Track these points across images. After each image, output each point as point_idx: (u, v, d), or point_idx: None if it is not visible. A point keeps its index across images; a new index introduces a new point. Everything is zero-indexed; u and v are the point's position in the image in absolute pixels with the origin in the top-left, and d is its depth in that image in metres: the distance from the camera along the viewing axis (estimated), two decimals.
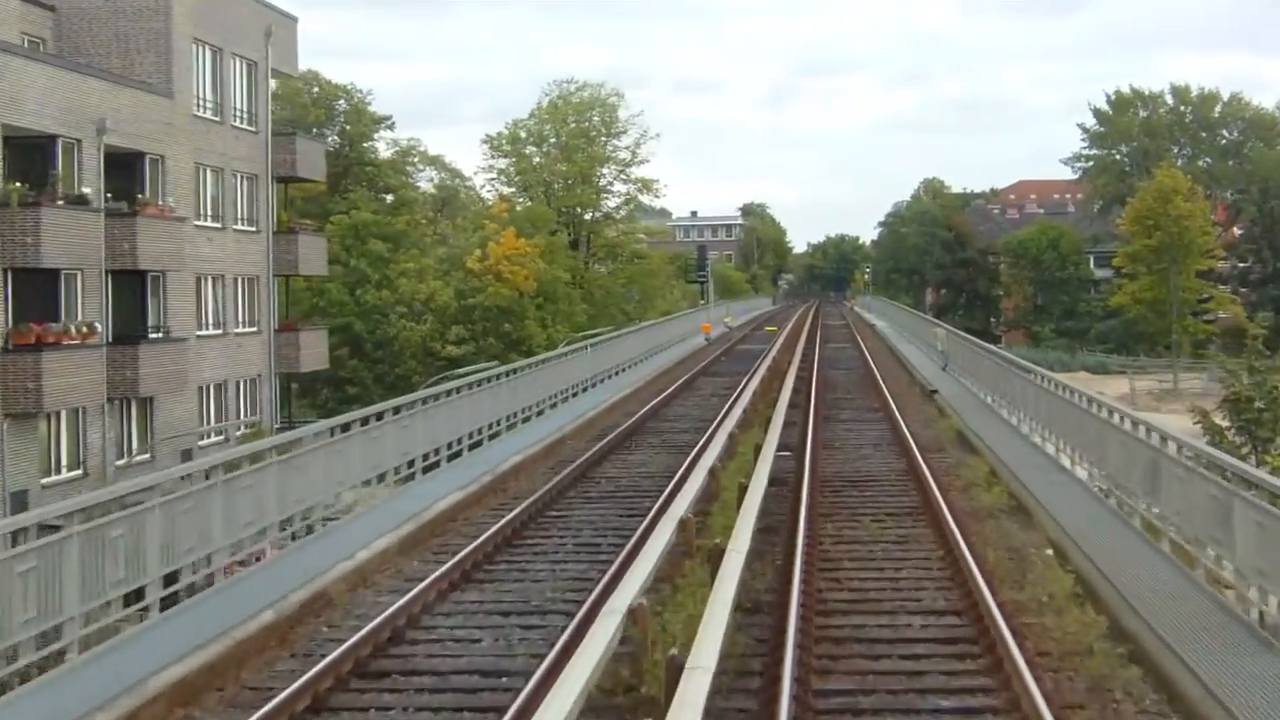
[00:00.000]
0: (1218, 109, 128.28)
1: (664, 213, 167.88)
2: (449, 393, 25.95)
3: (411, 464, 22.20)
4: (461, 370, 44.64)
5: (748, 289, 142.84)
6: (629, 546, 16.33)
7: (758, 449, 22.18)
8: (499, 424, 27.91)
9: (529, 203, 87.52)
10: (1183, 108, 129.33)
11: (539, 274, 68.73)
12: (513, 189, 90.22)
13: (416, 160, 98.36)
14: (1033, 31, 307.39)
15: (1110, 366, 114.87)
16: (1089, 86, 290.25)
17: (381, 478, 21.08)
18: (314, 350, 49.78)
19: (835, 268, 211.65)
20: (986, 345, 38.68)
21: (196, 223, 42.49)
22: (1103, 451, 19.55)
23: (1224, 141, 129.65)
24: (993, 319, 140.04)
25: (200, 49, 43.37)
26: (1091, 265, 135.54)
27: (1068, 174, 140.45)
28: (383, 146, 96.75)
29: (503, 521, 18.53)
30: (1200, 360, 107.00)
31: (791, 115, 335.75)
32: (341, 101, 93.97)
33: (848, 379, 43.99)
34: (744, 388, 36.77)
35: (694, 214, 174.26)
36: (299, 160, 48.66)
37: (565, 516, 20.07)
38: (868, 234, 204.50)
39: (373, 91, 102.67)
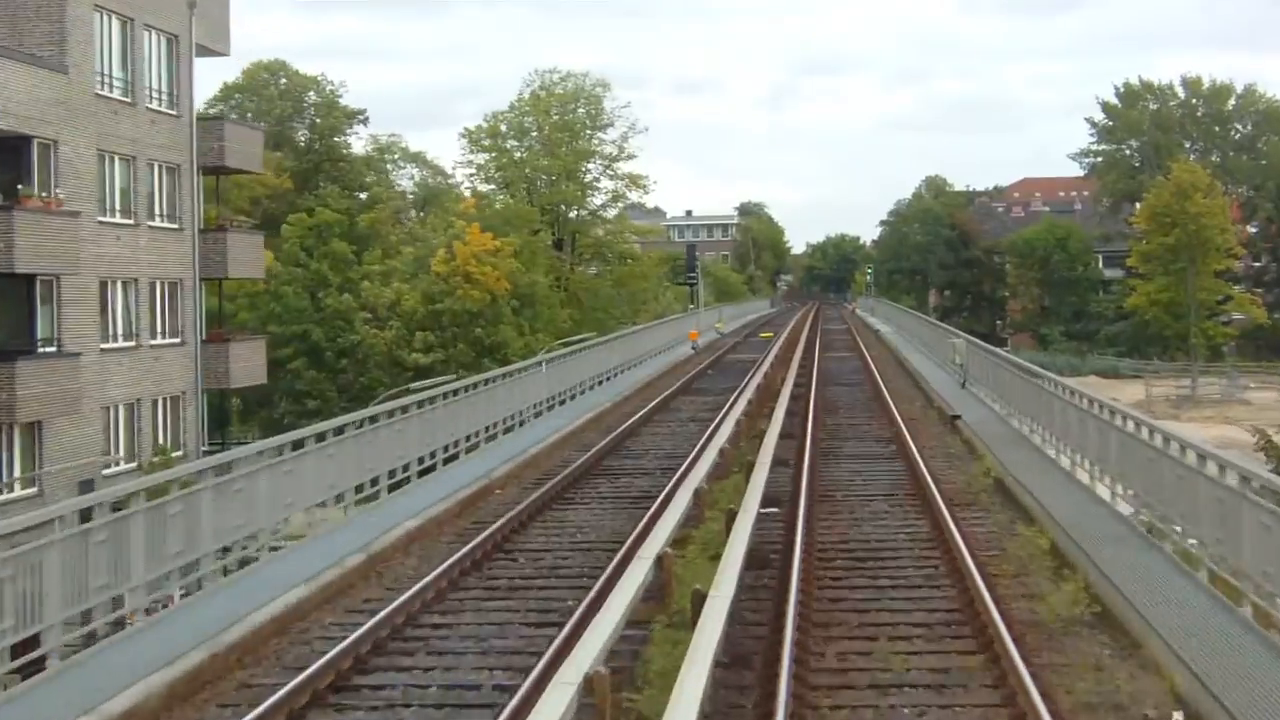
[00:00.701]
0: (1231, 102, 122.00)
1: (658, 212, 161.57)
2: (363, 422, 19.88)
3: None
4: (418, 385, 38.59)
5: (744, 291, 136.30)
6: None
7: (730, 518, 15.97)
8: (411, 466, 21.75)
9: (510, 200, 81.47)
10: (1194, 101, 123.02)
11: (513, 275, 62.60)
12: (493, 186, 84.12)
13: (397, 157, 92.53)
14: (1031, 30, 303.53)
15: (1122, 370, 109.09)
16: (1089, 86, 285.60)
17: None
18: (248, 363, 43.58)
19: (835, 269, 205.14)
20: (1015, 360, 32.48)
21: (101, 218, 36.39)
22: (1231, 528, 13.33)
23: (1237, 136, 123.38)
24: (999, 321, 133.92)
25: (105, 18, 37.23)
26: (1099, 265, 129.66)
27: (1073, 171, 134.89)
28: (360, 143, 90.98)
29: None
30: (1218, 364, 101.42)
31: (791, 115, 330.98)
32: (312, 94, 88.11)
33: (851, 398, 37.74)
34: (729, 409, 30.68)
35: (689, 213, 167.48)
36: (228, 149, 42.48)
37: (440, 632, 13.70)
38: (868, 235, 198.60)
39: (345, 84, 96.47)
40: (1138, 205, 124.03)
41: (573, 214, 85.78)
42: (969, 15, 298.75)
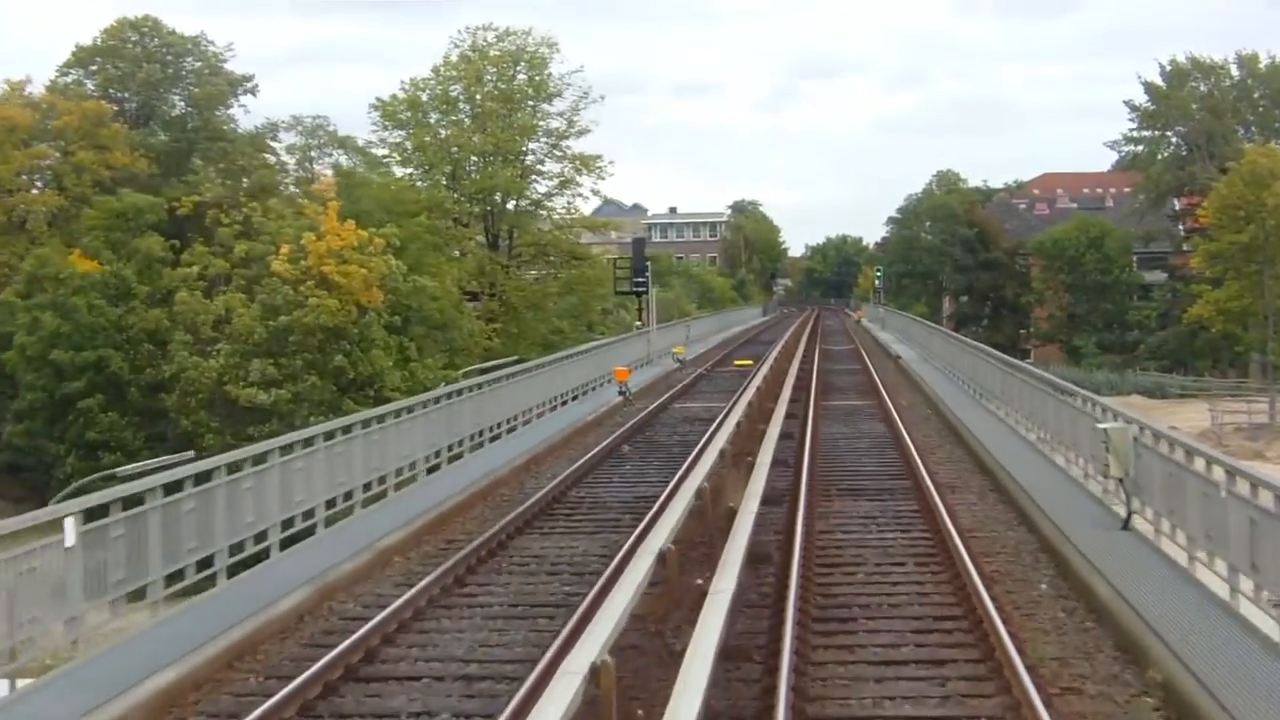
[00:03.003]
0: None
1: (639, 209, 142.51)
2: None
3: None
4: (127, 470, 19.92)
5: (732, 298, 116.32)
6: None
7: None
8: None
9: (411, 182, 62.89)
10: (1249, 81, 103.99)
11: (389, 280, 43.62)
12: (412, 169, 65.21)
13: (323, 142, 73.70)
14: (1029, 32, 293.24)
15: (1168, 389, 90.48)
16: (1088, 87, 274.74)
17: None
18: None
19: (836, 272, 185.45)
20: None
21: None
22: None
23: None
24: (1023, 330, 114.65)
25: None
26: (1134, 268, 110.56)
27: (1096, 166, 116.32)
28: (252, 119, 72.38)
29: None
30: None
31: (790, 118, 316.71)
32: (191, 59, 69.30)
33: (889, 541, 16.99)
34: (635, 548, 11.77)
35: (673, 210, 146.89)
36: None
37: None
38: (870, 237, 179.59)
39: (233, 46, 77.19)
40: (1177, 202, 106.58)
41: (511, 205, 66.93)
42: (966, 17, 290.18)
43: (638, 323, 47.29)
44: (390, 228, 44.64)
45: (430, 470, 21.93)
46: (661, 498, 18.54)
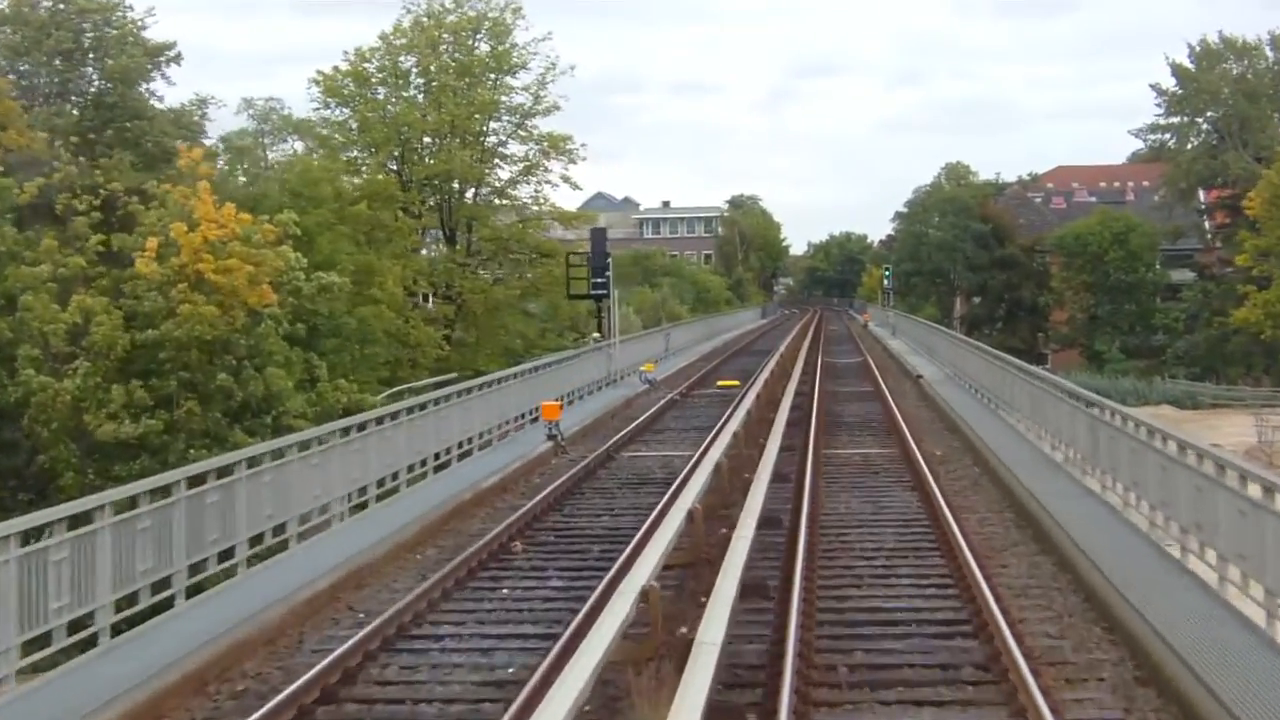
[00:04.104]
0: None
1: (630, 203, 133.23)
2: None
3: None
4: None
5: (728, 298, 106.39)
6: None
7: None
8: None
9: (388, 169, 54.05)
10: None
11: (285, 277, 34.51)
12: (359, 152, 56.22)
13: (277, 126, 64.59)
14: (1027, 33, 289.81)
15: (1201, 399, 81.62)
16: (1087, 87, 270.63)
17: None
18: None
19: (840, 270, 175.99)
20: None
21: None
22: None
23: None
24: (1040, 334, 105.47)
25: None
26: (1158, 266, 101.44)
27: (1113, 159, 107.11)
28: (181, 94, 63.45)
29: None
30: None
31: (789, 117, 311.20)
32: (108, 28, 60.03)
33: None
34: None
35: (666, 204, 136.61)
36: None
37: None
38: (873, 236, 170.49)
39: (154, 11, 67.70)
40: (1202, 194, 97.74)
41: (471, 194, 57.97)
42: (965, 17, 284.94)
43: (594, 334, 37.70)
44: (287, 213, 35.52)
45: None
46: (527, 691, 9.69)
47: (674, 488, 17.62)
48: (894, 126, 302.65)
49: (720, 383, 36.65)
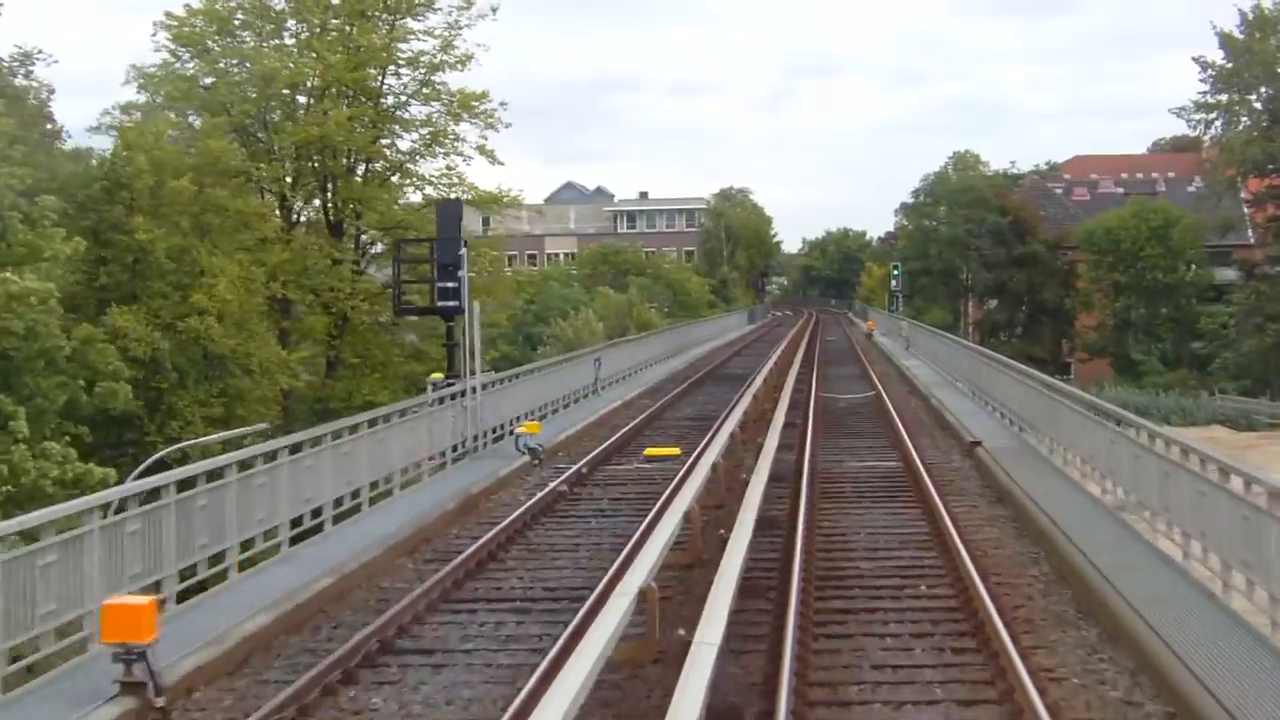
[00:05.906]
0: None
1: (603, 194, 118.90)
2: None
3: None
4: None
5: (711, 301, 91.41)
6: None
7: None
8: None
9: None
10: None
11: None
12: (195, 114, 42.24)
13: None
14: (1026, 33, 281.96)
15: (1257, 419, 68.34)
16: (1087, 88, 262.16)
17: None
18: None
19: (838, 269, 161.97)
20: None
21: None
22: None
23: None
24: (1064, 341, 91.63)
25: None
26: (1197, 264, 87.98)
27: (1134, 148, 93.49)
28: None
29: None
30: None
31: (789, 118, 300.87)
32: None
33: None
34: None
35: (643, 195, 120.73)
36: None
37: None
38: (871, 234, 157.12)
39: None
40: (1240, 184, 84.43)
41: (360, 171, 44.07)
42: (962, 18, 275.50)
43: (435, 375, 22.75)
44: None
45: None
46: None
47: None
48: (892, 127, 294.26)
49: (650, 452, 22.74)
